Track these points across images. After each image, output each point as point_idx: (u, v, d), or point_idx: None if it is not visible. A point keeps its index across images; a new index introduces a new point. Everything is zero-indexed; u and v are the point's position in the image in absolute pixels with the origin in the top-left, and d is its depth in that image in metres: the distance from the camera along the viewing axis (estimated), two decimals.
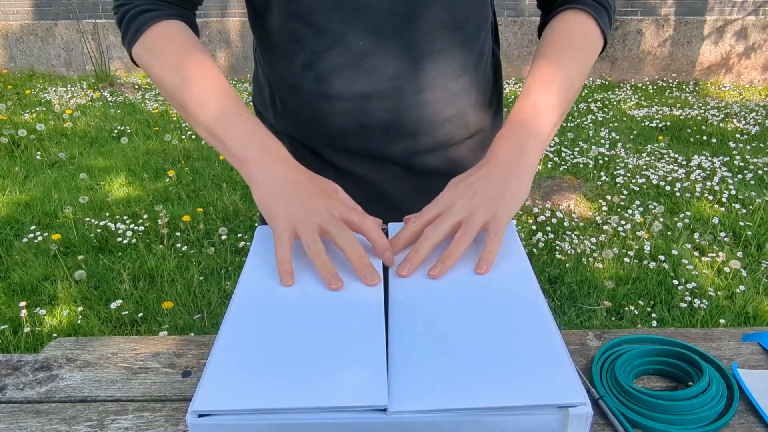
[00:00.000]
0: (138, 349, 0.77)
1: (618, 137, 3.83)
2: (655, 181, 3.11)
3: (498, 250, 0.60)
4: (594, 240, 2.54)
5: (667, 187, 3.05)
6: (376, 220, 0.63)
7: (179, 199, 3.02)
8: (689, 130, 3.91)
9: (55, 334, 2.02)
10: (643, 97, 4.81)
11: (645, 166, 3.33)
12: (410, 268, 0.60)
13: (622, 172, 3.24)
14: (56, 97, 4.84)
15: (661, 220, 2.69)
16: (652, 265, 2.35)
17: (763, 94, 4.88)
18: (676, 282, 2.25)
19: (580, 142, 3.70)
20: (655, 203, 2.88)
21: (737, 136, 3.79)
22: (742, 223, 2.65)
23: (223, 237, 2.60)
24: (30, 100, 4.76)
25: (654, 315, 2.09)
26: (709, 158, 3.44)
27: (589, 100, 4.72)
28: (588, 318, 2.09)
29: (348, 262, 0.61)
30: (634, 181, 3.13)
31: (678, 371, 0.70)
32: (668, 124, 4.06)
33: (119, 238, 2.61)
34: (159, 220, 2.67)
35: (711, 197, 2.93)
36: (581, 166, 3.35)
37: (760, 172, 3.21)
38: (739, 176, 3.18)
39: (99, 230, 2.67)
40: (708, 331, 0.79)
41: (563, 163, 3.40)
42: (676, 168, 3.30)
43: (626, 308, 2.11)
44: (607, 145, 3.66)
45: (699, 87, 5.10)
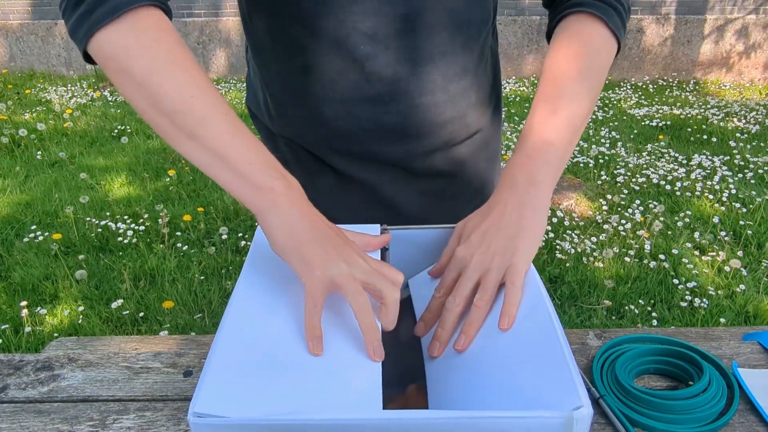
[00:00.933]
0: (139, 349, 0.77)
1: (618, 136, 3.83)
2: (655, 180, 3.11)
3: (519, 301, 0.55)
4: (594, 239, 2.54)
5: (668, 186, 3.05)
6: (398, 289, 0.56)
7: (180, 199, 3.02)
8: (689, 129, 3.91)
9: (56, 334, 2.02)
10: (644, 96, 4.80)
11: (645, 165, 3.33)
12: (440, 348, 0.57)
13: (623, 171, 3.24)
14: (56, 96, 4.84)
15: (662, 219, 2.69)
16: (653, 264, 2.35)
17: (764, 93, 4.88)
18: (676, 281, 2.25)
19: (581, 142, 3.70)
20: (655, 202, 2.88)
21: (738, 135, 3.79)
22: (742, 222, 2.65)
23: (224, 236, 2.60)
24: (30, 100, 4.76)
25: (654, 314, 2.09)
26: (710, 157, 3.43)
27: None
28: (588, 317, 2.09)
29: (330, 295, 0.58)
30: (634, 180, 3.13)
31: (678, 370, 0.70)
32: (668, 123, 4.06)
33: (120, 238, 2.61)
34: (159, 220, 2.67)
35: (711, 196, 2.93)
36: (581, 165, 3.35)
37: (761, 171, 3.21)
38: (740, 175, 3.18)
39: (99, 230, 2.67)
40: (708, 330, 0.79)
41: None
42: (677, 167, 3.30)
43: (626, 307, 2.11)
44: (608, 145, 3.66)
45: (699, 86, 5.10)
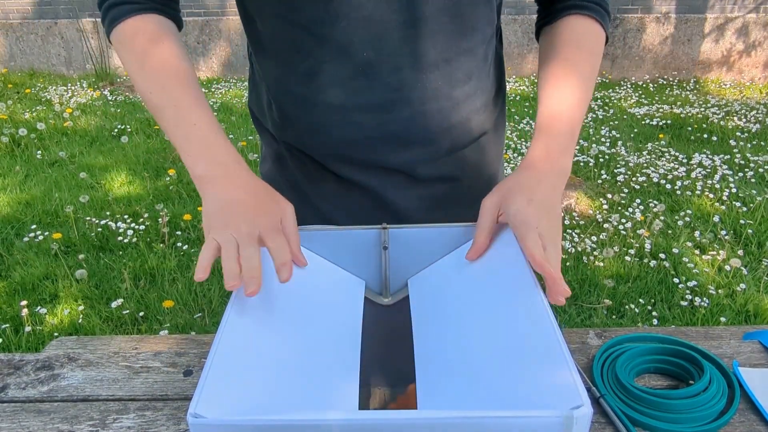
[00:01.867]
0: (139, 348, 0.77)
1: (618, 135, 3.83)
2: (655, 180, 3.10)
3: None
4: (594, 238, 2.54)
5: (668, 186, 3.05)
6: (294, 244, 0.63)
7: (180, 198, 3.02)
8: (690, 128, 3.90)
9: (56, 333, 2.02)
10: (644, 95, 4.80)
11: (645, 165, 3.33)
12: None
13: (623, 170, 3.23)
14: (56, 96, 4.83)
15: (662, 218, 2.69)
16: (653, 263, 2.35)
17: (764, 92, 4.88)
18: (676, 280, 2.25)
19: (581, 141, 3.70)
20: (655, 201, 2.88)
21: (738, 134, 3.78)
22: (742, 221, 2.65)
23: None
24: (30, 99, 4.76)
25: (655, 313, 2.09)
26: (710, 156, 3.43)
27: None
28: (589, 316, 2.09)
29: (332, 295, 0.65)
30: (634, 179, 3.12)
31: (679, 370, 0.70)
32: (669, 122, 4.06)
33: (120, 237, 2.61)
34: (160, 219, 2.67)
35: (712, 195, 2.92)
36: (582, 164, 3.35)
37: (761, 170, 3.21)
38: (740, 174, 3.18)
39: (100, 229, 2.67)
40: (709, 330, 0.79)
41: None
42: (677, 166, 3.30)
43: (627, 307, 2.11)
44: (608, 144, 3.66)
45: (700, 85, 5.09)
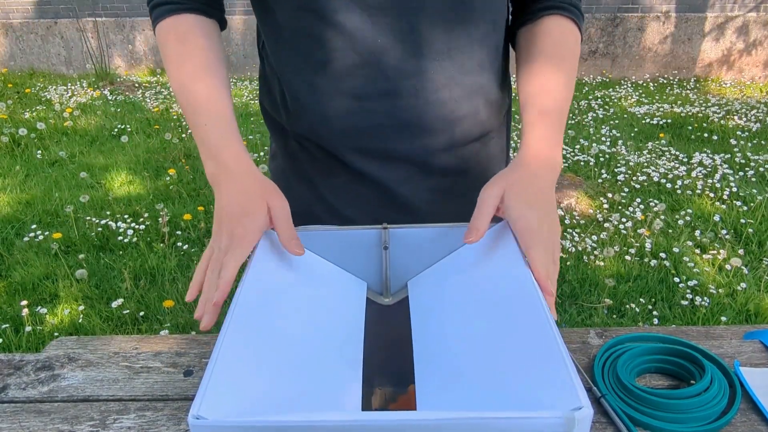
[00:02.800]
0: (140, 348, 0.77)
1: (619, 135, 3.83)
2: (656, 179, 3.10)
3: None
4: (595, 238, 2.54)
5: (668, 185, 3.05)
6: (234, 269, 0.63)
7: (180, 198, 3.02)
8: (690, 128, 3.90)
9: (56, 333, 2.02)
10: (644, 95, 4.80)
11: (646, 164, 3.33)
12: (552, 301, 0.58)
13: (623, 169, 3.23)
14: (56, 95, 4.83)
15: (662, 217, 2.69)
16: (653, 262, 2.35)
17: (764, 91, 4.88)
18: (677, 280, 2.24)
19: (581, 140, 3.70)
20: (656, 201, 2.87)
21: (738, 133, 3.78)
22: (743, 221, 2.65)
23: None
24: (30, 99, 4.76)
25: (655, 313, 2.08)
26: (710, 155, 3.43)
27: (590, 97, 4.72)
28: (589, 316, 2.09)
29: (334, 296, 0.66)
30: (635, 178, 3.12)
31: (680, 369, 0.70)
32: (669, 121, 4.05)
33: (120, 237, 2.61)
34: (160, 219, 2.67)
35: (712, 195, 2.92)
36: (582, 163, 3.34)
37: (762, 170, 3.21)
38: (741, 173, 3.18)
39: (100, 229, 2.67)
40: (709, 329, 0.79)
41: (564, 161, 3.40)
42: (677, 165, 3.30)
43: (627, 306, 2.11)
44: (608, 143, 3.66)
45: (700, 84, 5.09)
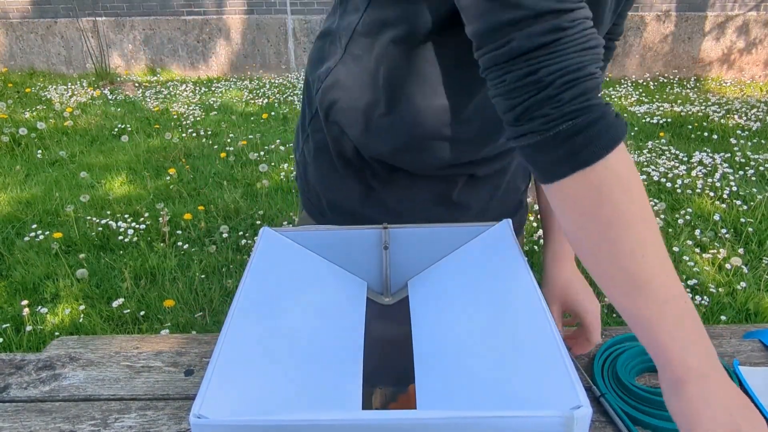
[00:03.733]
0: (140, 348, 0.77)
1: None
2: (656, 178, 3.10)
3: None
4: None
5: (668, 184, 3.05)
6: None
7: (180, 197, 3.02)
8: (690, 127, 3.90)
9: (57, 333, 2.03)
10: (644, 94, 4.80)
11: (646, 163, 3.33)
12: None
13: None
14: (57, 95, 4.83)
15: (662, 216, 2.69)
16: None
17: (765, 90, 4.87)
18: None
19: None
20: (656, 200, 2.87)
21: (738, 132, 3.78)
22: (743, 220, 2.65)
23: (225, 235, 2.60)
24: (30, 99, 4.76)
25: None
26: (710, 155, 3.43)
27: None
28: None
29: (334, 296, 0.65)
30: None
31: None
32: (669, 120, 4.05)
33: (120, 237, 2.61)
34: (160, 219, 2.67)
35: (712, 194, 2.92)
36: None
37: (762, 169, 3.21)
38: (741, 173, 3.18)
39: (100, 228, 2.67)
40: (709, 328, 0.79)
41: None
42: (677, 165, 3.30)
43: None
44: None
45: (700, 83, 5.09)
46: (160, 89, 5.06)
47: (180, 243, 2.57)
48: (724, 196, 2.89)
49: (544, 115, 0.51)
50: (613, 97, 4.71)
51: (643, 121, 4.08)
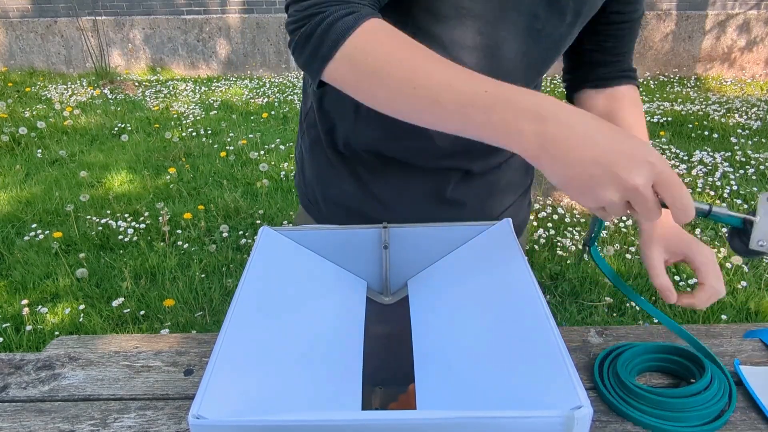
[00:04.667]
0: (140, 347, 0.77)
1: None
2: None
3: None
4: None
5: None
6: None
7: (180, 197, 3.02)
8: (690, 126, 3.90)
9: (56, 332, 2.03)
10: (644, 92, 4.79)
11: None
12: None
13: None
14: (56, 94, 4.83)
15: None
16: None
17: (765, 88, 4.87)
18: (677, 278, 2.24)
19: None
20: None
21: (739, 131, 3.78)
22: None
23: (225, 234, 2.60)
24: (30, 98, 4.75)
25: None
26: (711, 154, 3.43)
27: None
28: (589, 314, 2.09)
29: (334, 295, 0.64)
30: None
31: (680, 368, 0.70)
32: (669, 119, 4.05)
33: (120, 236, 2.61)
34: (160, 218, 2.67)
35: (712, 193, 2.92)
36: None
37: (762, 168, 3.21)
38: (741, 171, 3.18)
39: (100, 228, 2.67)
40: (710, 328, 0.79)
41: None
42: (678, 163, 3.29)
43: (628, 304, 2.11)
44: None
45: (700, 82, 5.09)
46: (160, 88, 5.06)
47: (180, 242, 2.57)
48: (725, 195, 2.89)
49: (292, 29, 0.63)
50: None
51: None
